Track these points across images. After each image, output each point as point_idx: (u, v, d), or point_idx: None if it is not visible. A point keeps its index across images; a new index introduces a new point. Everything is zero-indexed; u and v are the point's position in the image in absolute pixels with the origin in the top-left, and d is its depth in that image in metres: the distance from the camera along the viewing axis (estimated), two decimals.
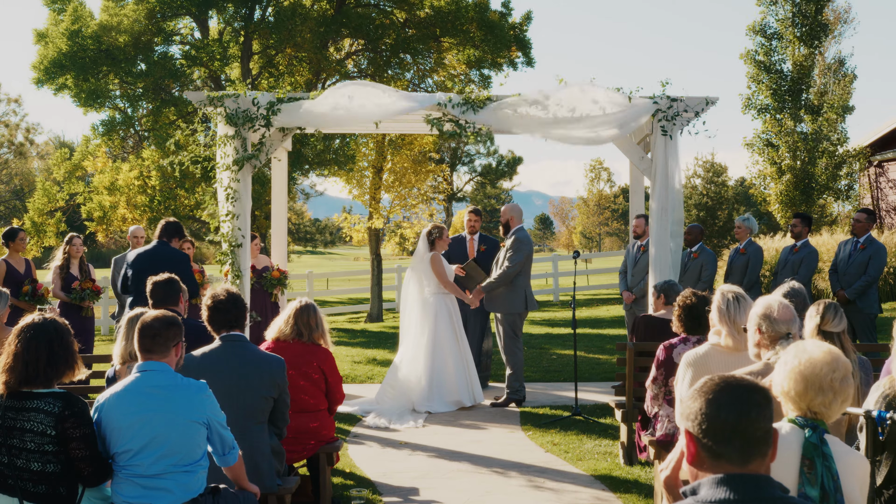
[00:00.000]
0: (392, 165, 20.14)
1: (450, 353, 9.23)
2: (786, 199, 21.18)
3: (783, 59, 21.54)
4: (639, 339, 6.97)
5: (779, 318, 4.05)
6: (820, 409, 2.89)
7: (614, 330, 16.18)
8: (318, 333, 5.78)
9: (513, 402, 9.38)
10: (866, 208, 11.04)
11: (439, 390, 9.16)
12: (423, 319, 9.37)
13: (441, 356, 9.22)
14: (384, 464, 7.08)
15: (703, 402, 2.29)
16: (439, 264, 9.43)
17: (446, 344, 9.26)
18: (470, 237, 10.49)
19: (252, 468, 4.61)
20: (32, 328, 3.91)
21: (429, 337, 9.26)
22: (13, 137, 40.09)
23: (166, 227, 8.28)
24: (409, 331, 9.49)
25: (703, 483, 2.25)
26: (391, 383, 9.33)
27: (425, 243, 9.56)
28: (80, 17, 17.66)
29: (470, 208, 10.69)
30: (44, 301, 9.36)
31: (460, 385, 9.23)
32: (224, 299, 4.97)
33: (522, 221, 9.77)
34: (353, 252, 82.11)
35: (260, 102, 9.02)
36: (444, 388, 9.18)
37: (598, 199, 63.73)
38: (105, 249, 45.00)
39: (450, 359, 9.22)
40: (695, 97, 9.32)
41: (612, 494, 6.17)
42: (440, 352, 9.23)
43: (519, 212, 9.82)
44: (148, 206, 17.95)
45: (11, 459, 3.81)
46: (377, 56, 19.06)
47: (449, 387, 9.19)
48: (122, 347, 4.89)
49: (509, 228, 9.66)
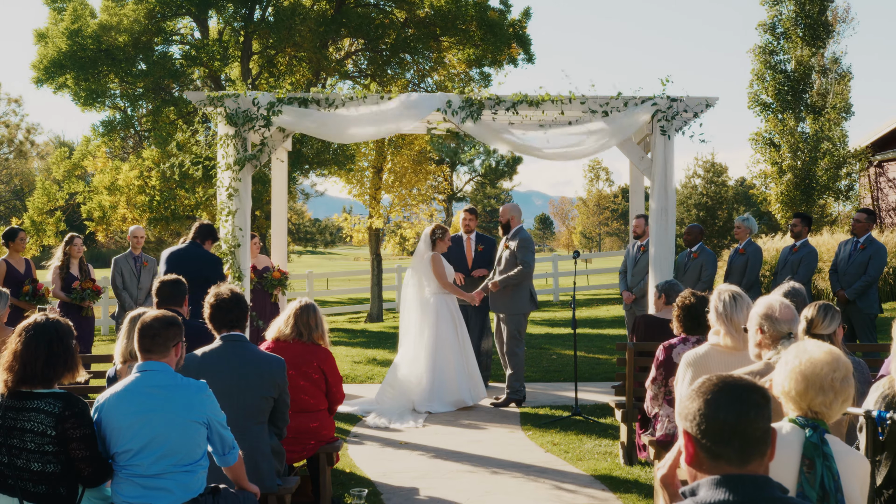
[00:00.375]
0: (392, 165, 20.14)
1: (451, 353, 9.23)
2: (786, 199, 21.18)
3: (787, 59, 21.55)
4: (639, 339, 6.97)
5: (780, 317, 4.06)
6: (821, 409, 2.89)
7: (614, 330, 16.18)
8: (317, 333, 5.78)
9: (513, 402, 9.38)
10: (866, 208, 11.04)
11: (440, 390, 9.16)
12: (423, 319, 9.36)
13: (442, 356, 9.21)
14: (384, 464, 7.08)
15: (702, 402, 2.29)
16: (439, 264, 9.43)
17: (447, 343, 9.26)
18: (467, 237, 10.47)
19: (252, 468, 4.61)
20: (34, 328, 3.91)
21: (429, 336, 9.25)
22: (13, 137, 40.08)
23: (200, 230, 8.34)
24: (409, 331, 9.48)
25: (701, 484, 2.25)
26: (391, 383, 9.33)
27: (427, 243, 9.56)
28: (80, 17, 17.65)
29: (466, 208, 10.69)
30: (44, 301, 9.36)
31: (461, 384, 9.23)
32: (227, 298, 4.97)
33: (522, 221, 9.79)
34: (353, 252, 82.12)
35: (260, 102, 9.03)
36: (445, 388, 9.18)
37: (598, 199, 63.73)
38: (105, 249, 44.99)
39: (451, 358, 9.22)
40: (694, 97, 9.33)
41: (612, 494, 6.17)
42: (441, 351, 9.23)
43: (519, 211, 9.86)
44: (148, 206, 17.95)
45: (11, 459, 3.81)
46: (377, 56, 19.06)
47: (450, 386, 9.19)
48: (124, 346, 4.90)
49: (509, 228, 9.69)
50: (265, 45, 18.66)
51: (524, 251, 9.44)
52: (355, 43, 19.81)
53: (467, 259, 10.27)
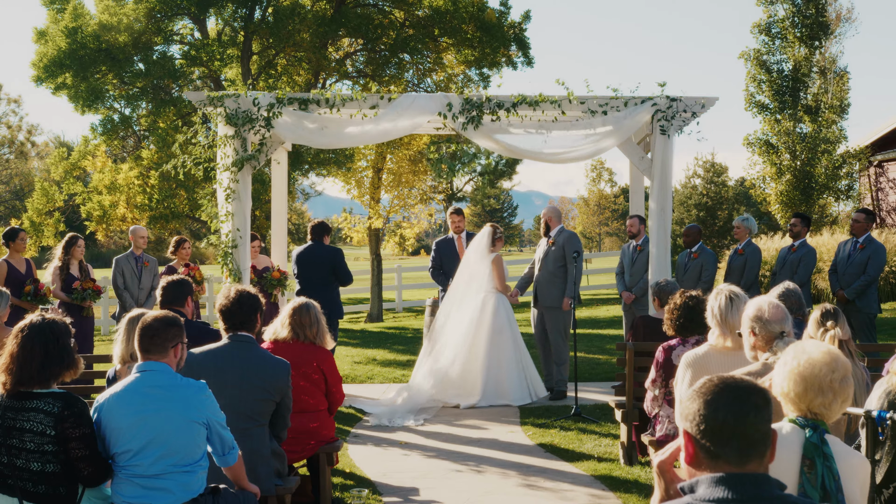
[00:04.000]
0: (392, 166, 20.14)
1: (511, 349, 9.47)
2: (786, 200, 21.17)
3: (784, 60, 21.54)
4: (639, 339, 6.97)
5: (770, 318, 4.07)
6: (820, 410, 2.89)
7: (614, 330, 16.19)
8: (315, 333, 5.73)
9: (560, 395, 9.63)
10: (865, 208, 11.03)
11: (498, 385, 9.35)
12: (481, 316, 9.52)
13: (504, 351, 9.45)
14: (384, 464, 7.08)
15: (702, 403, 2.29)
16: (503, 264, 9.73)
17: (507, 339, 9.47)
18: (457, 237, 10.47)
19: (251, 469, 4.61)
20: (29, 328, 3.91)
21: (490, 333, 9.44)
22: (14, 138, 40.09)
23: (315, 228, 9.79)
24: (457, 328, 9.55)
25: (701, 481, 2.25)
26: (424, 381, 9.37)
27: (488, 240, 9.75)
28: (80, 16, 17.66)
29: (452, 209, 10.63)
30: (45, 301, 9.36)
31: (520, 380, 9.44)
32: (229, 302, 4.95)
33: (562, 222, 10.14)
34: (353, 252, 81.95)
35: (260, 103, 9.02)
36: (504, 384, 9.37)
37: (598, 198, 63.71)
38: (105, 250, 45.01)
39: (510, 354, 9.45)
40: (693, 97, 9.34)
41: (612, 494, 6.17)
42: (502, 347, 9.45)
43: (558, 214, 10.31)
44: (148, 206, 17.96)
45: (11, 459, 3.81)
46: (375, 56, 19.07)
47: (510, 382, 9.38)
48: (122, 348, 4.89)
49: (549, 228, 10.04)
50: (265, 45, 18.67)
51: (572, 247, 9.81)
52: (354, 43, 19.81)
53: (460, 257, 10.21)
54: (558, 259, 9.75)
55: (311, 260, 9.55)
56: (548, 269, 9.82)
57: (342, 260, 9.63)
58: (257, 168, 9.34)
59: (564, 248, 9.74)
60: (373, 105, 9.23)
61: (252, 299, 5.00)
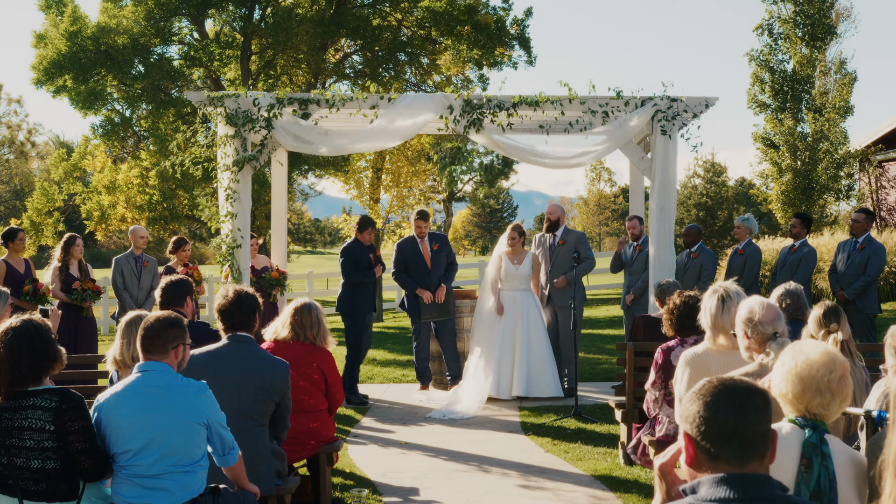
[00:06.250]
0: (391, 166, 20.14)
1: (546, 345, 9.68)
2: (786, 199, 21.17)
3: (786, 60, 21.54)
4: (639, 339, 6.97)
5: (762, 319, 4.06)
6: (819, 410, 2.89)
7: (613, 330, 16.19)
8: (315, 333, 5.73)
9: (571, 392, 9.69)
10: (864, 208, 11.02)
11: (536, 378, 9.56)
12: (521, 312, 9.68)
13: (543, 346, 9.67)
14: (384, 464, 7.08)
15: (701, 404, 2.29)
16: (538, 264, 9.96)
17: (541, 334, 9.68)
18: (420, 240, 10.13)
19: (251, 469, 4.61)
20: (11, 330, 3.91)
21: (535, 329, 9.66)
22: (15, 138, 40.10)
23: (358, 223, 10.02)
24: (493, 328, 9.69)
25: (702, 482, 2.25)
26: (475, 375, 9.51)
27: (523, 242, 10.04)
28: (78, 18, 17.67)
29: (417, 213, 10.36)
30: (45, 301, 9.35)
31: (555, 374, 9.64)
32: (227, 302, 4.94)
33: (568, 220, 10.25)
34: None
35: (261, 103, 9.02)
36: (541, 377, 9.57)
37: (598, 198, 63.73)
38: (105, 250, 45.00)
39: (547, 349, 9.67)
40: (694, 97, 9.34)
41: (612, 494, 6.17)
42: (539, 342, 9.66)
43: (564, 211, 10.48)
44: (147, 206, 17.96)
45: (11, 459, 3.81)
46: (373, 57, 19.07)
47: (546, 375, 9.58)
48: (119, 350, 4.83)
49: (557, 226, 10.19)
50: (264, 45, 18.68)
51: (585, 247, 10.03)
52: (352, 44, 19.83)
53: (426, 259, 9.99)
54: (570, 259, 9.84)
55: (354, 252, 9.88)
56: (560, 270, 9.94)
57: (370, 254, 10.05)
58: (258, 168, 9.34)
59: (577, 248, 9.86)
60: (373, 105, 9.23)
61: (250, 299, 5.00)
